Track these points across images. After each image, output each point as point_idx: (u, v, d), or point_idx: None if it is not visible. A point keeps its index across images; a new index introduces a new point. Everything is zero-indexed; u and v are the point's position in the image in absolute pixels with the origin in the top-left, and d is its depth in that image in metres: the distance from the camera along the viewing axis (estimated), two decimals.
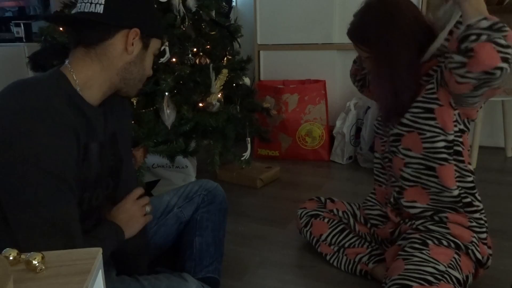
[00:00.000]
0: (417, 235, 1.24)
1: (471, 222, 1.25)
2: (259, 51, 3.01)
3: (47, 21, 1.01)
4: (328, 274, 1.46)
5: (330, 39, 2.79)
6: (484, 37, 1.00)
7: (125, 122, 1.10)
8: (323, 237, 1.52)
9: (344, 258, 1.47)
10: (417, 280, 1.09)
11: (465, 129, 1.24)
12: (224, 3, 2.25)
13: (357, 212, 1.53)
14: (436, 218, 1.27)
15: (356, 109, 2.65)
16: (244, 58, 2.14)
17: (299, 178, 2.46)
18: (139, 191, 1.09)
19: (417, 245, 1.20)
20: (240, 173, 2.32)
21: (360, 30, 1.31)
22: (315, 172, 2.59)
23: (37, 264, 0.53)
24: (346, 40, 1.41)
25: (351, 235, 1.49)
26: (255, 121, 2.22)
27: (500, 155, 2.79)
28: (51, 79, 0.90)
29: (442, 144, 1.21)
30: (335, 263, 1.49)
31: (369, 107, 2.55)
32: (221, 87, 1.91)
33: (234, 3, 3.50)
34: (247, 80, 2.15)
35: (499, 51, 1.00)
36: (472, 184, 1.29)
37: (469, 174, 1.28)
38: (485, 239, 1.26)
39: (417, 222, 1.29)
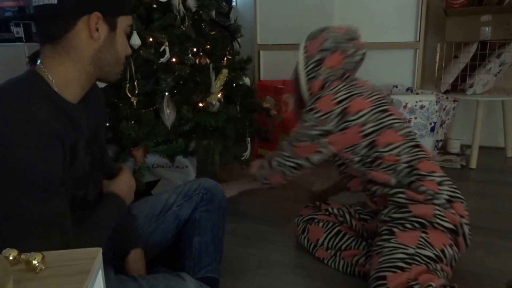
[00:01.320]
0: (384, 227, 1.28)
1: (426, 195, 1.28)
2: (259, 51, 3.01)
3: (6, 21, 0.99)
4: (328, 274, 1.46)
5: None
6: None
7: (101, 112, 1.10)
8: (320, 242, 1.53)
9: (342, 261, 1.47)
10: (389, 269, 1.13)
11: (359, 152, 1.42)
12: (224, 3, 2.25)
13: (351, 210, 1.57)
14: (397, 200, 1.31)
15: None
16: (244, 58, 2.14)
17: (299, 178, 2.45)
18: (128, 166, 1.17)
19: (385, 236, 1.24)
20: (240, 174, 2.32)
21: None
22: (315, 172, 2.58)
23: (37, 264, 0.53)
24: None
25: (347, 237, 1.50)
26: (255, 121, 2.22)
27: (500, 155, 2.79)
28: (28, 82, 0.86)
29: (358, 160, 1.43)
30: (333, 266, 1.49)
31: None
32: (221, 87, 1.91)
33: (234, 3, 3.50)
34: (247, 80, 2.15)
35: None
36: (405, 169, 1.35)
37: (394, 164, 1.36)
38: (451, 207, 1.27)
39: (384, 213, 1.32)
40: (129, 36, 1.03)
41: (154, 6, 1.79)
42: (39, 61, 0.91)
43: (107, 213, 1.02)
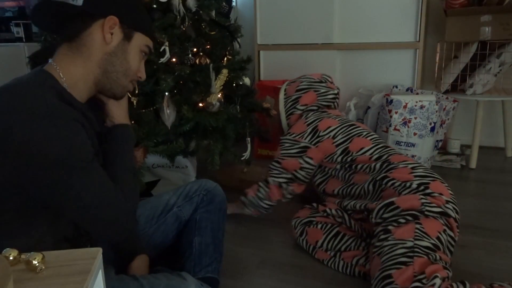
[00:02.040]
0: (379, 228, 1.30)
1: (395, 188, 1.37)
2: (259, 51, 3.01)
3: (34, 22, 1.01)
4: (328, 274, 1.46)
5: (330, 39, 2.78)
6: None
7: (102, 125, 1.11)
8: (319, 243, 1.53)
9: (342, 262, 1.47)
10: (394, 266, 1.13)
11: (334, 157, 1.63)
12: (224, 3, 2.25)
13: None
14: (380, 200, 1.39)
15: (356, 109, 2.65)
16: (244, 58, 2.14)
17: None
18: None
19: (382, 236, 1.25)
20: (241, 179, 2.30)
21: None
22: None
23: (37, 264, 0.53)
24: (346, 40, 1.42)
25: (346, 238, 1.50)
26: (255, 121, 2.22)
27: (500, 155, 2.79)
28: (37, 80, 0.89)
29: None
30: (333, 267, 1.49)
31: (369, 107, 2.55)
32: (221, 87, 1.91)
33: (234, 3, 3.50)
34: (247, 80, 2.15)
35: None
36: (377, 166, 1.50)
37: (368, 163, 1.53)
38: (428, 189, 1.31)
39: (375, 215, 1.35)
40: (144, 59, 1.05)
41: (154, 6, 1.79)
42: (50, 60, 0.94)
43: (127, 151, 1.05)
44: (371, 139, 1.60)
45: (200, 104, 1.85)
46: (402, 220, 1.25)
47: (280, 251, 1.63)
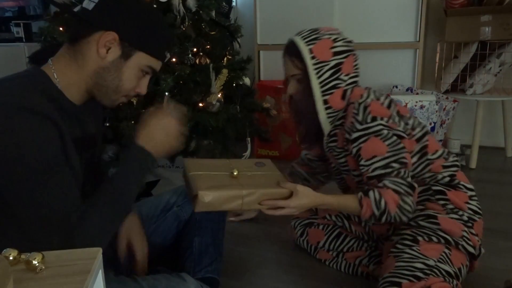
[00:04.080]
0: (408, 231, 1.23)
1: (446, 210, 1.25)
2: (259, 51, 3.01)
3: (51, 19, 1.00)
4: (328, 274, 1.46)
5: None
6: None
7: (100, 127, 1.11)
8: (321, 244, 1.51)
9: (344, 262, 1.46)
10: (407, 277, 1.10)
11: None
12: (224, 3, 2.25)
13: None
14: (421, 207, 1.28)
15: None
16: (244, 58, 2.14)
17: None
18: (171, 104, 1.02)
19: (407, 242, 1.20)
20: None
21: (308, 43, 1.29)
22: None
23: (37, 264, 0.53)
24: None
25: (348, 239, 1.49)
26: (255, 121, 2.22)
27: (500, 155, 2.79)
28: (28, 75, 0.89)
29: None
30: (334, 267, 1.49)
31: None
32: (221, 87, 1.91)
33: (234, 3, 3.50)
34: (247, 80, 2.15)
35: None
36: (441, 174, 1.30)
37: (436, 173, 1.31)
38: (472, 228, 1.25)
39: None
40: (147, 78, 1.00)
41: (154, 6, 1.79)
42: (49, 60, 0.94)
43: (126, 177, 0.92)
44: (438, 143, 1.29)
45: (200, 104, 1.86)
46: (435, 239, 1.19)
47: (280, 251, 1.63)
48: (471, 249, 1.21)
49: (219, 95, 1.89)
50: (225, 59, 2.07)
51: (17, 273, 0.53)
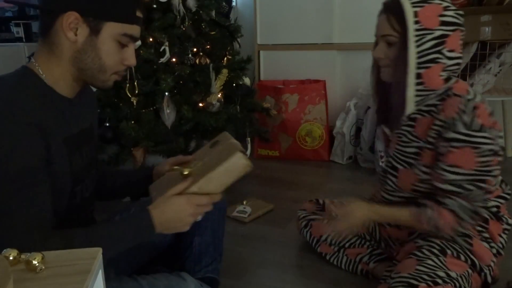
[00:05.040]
0: (438, 241, 1.20)
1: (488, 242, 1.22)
2: (259, 51, 3.01)
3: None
4: (328, 274, 1.46)
5: (330, 39, 2.78)
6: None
7: (95, 110, 1.10)
8: (323, 237, 1.52)
9: (345, 258, 1.47)
10: (425, 281, 1.08)
11: None
12: (224, 3, 2.25)
13: None
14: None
15: (356, 109, 2.65)
16: (244, 58, 2.14)
17: (299, 178, 2.46)
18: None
19: (435, 250, 1.17)
20: None
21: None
22: (315, 172, 2.58)
23: (37, 264, 0.53)
24: (346, 40, 1.39)
25: (350, 235, 1.49)
26: (255, 121, 2.22)
27: None
28: (16, 75, 0.87)
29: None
30: (335, 262, 1.49)
31: (369, 107, 2.55)
32: (221, 87, 1.91)
33: (234, 3, 3.50)
34: (247, 80, 2.15)
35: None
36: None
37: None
38: (495, 259, 1.24)
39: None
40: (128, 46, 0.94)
41: (154, 6, 1.79)
42: (32, 57, 0.92)
43: (120, 231, 0.89)
44: None
45: (200, 104, 1.86)
46: (463, 257, 1.18)
47: (280, 251, 1.63)
48: (489, 279, 1.21)
49: (219, 95, 1.89)
50: (225, 59, 2.07)
51: (17, 273, 0.53)
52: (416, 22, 1.07)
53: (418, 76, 1.10)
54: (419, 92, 1.12)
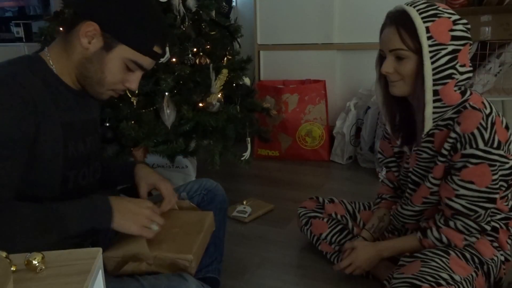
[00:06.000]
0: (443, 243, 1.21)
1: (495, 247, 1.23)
2: (259, 51, 3.01)
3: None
4: (328, 274, 1.46)
5: (330, 39, 2.78)
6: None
7: (98, 112, 1.12)
8: (323, 235, 1.52)
9: None
10: (429, 282, 1.08)
11: None
12: (224, 3, 2.25)
13: (358, 215, 1.52)
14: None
15: (356, 109, 2.65)
16: (244, 58, 2.14)
17: (299, 178, 2.46)
18: (163, 208, 1.09)
19: (439, 251, 1.17)
20: None
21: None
22: (315, 172, 2.58)
23: (37, 264, 0.53)
24: (346, 40, 1.39)
25: (350, 235, 1.49)
26: (255, 121, 2.22)
27: None
28: (25, 58, 0.93)
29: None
30: (335, 262, 1.49)
31: (369, 107, 2.55)
32: (221, 87, 1.91)
33: (234, 3, 3.50)
34: (247, 80, 2.15)
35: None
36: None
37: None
38: (504, 265, 1.24)
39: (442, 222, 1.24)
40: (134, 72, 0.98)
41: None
42: (46, 48, 0.96)
43: (69, 209, 0.87)
44: None
45: (200, 104, 1.86)
46: (468, 255, 1.18)
47: (280, 251, 1.63)
48: (492, 278, 1.20)
49: (219, 95, 1.89)
50: (225, 59, 2.07)
51: (17, 273, 0.53)
52: (429, 38, 1.06)
53: (435, 93, 1.09)
54: (436, 109, 1.11)
